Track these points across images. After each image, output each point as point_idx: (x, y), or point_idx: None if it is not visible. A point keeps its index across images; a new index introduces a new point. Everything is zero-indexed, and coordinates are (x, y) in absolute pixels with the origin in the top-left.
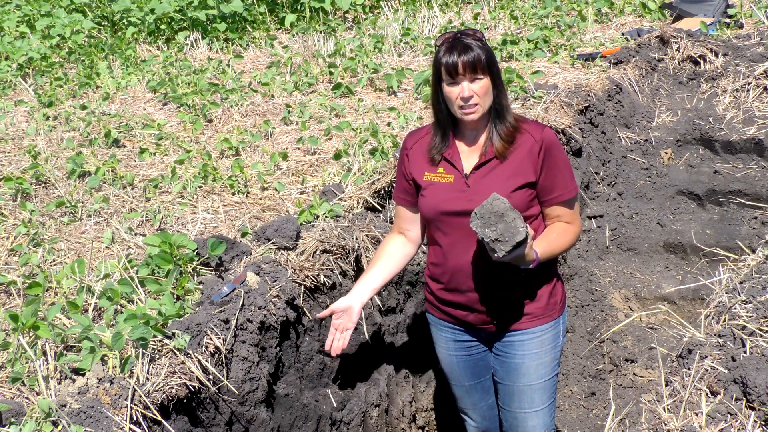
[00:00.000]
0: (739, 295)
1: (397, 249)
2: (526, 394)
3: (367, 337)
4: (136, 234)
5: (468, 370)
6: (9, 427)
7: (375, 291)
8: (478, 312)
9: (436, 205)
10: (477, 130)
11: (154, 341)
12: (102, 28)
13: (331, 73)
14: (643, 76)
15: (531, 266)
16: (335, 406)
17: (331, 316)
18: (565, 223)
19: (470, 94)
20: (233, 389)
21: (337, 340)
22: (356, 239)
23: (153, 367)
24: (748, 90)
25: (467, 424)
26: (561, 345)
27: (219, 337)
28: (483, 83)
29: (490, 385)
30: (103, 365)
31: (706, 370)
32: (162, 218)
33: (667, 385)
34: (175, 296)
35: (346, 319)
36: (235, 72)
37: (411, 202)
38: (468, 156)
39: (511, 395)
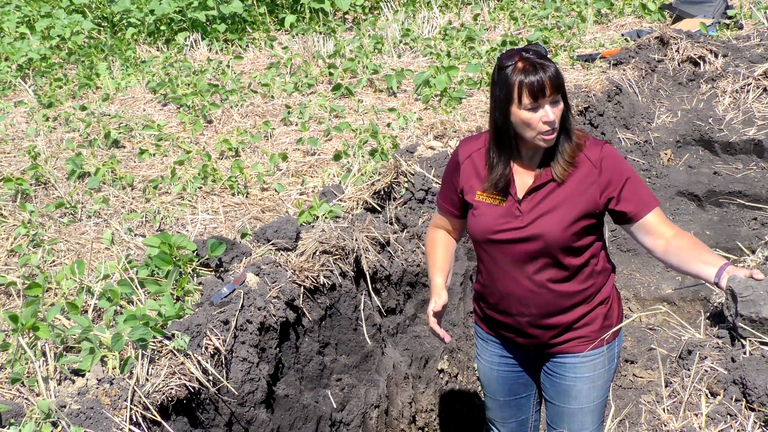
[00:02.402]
0: None
1: (449, 241)
2: (576, 417)
3: (367, 338)
4: (135, 235)
5: (506, 387)
6: (8, 428)
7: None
8: (529, 336)
9: (486, 230)
10: (536, 150)
11: (153, 342)
12: (102, 29)
13: (330, 74)
14: (643, 77)
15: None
16: (335, 407)
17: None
18: (678, 233)
19: (554, 118)
20: (233, 390)
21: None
22: (356, 240)
23: (153, 368)
24: (748, 91)
25: None
26: (615, 367)
27: (219, 338)
28: (560, 105)
29: (525, 403)
30: (102, 366)
31: (706, 371)
32: (162, 219)
33: (666, 386)
34: (174, 297)
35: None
36: (234, 73)
37: (455, 215)
38: (522, 176)
39: (561, 416)
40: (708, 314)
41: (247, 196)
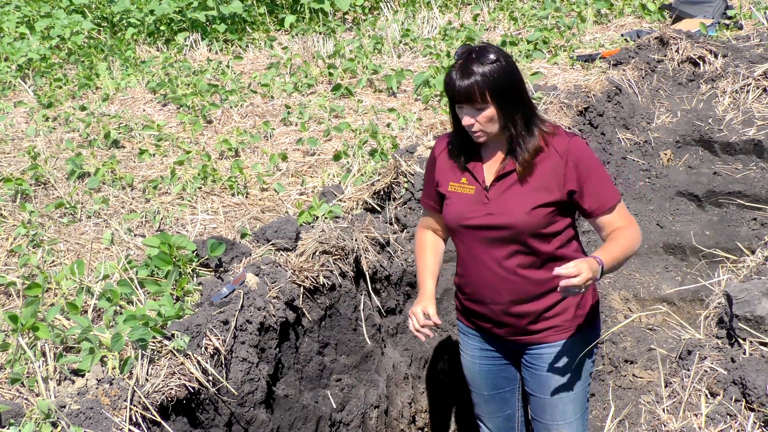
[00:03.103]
0: None
1: (438, 243)
2: (558, 407)
3: (367, 338)
4: (135, 235)
5: (489, 380)
6: (8, 428)
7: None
8: (503, 325)
9: (457, 217)
10: (499, 141)
11: (153, 342)
12: (101, 29)
13: (330, 74)
14: (643, 77)
15: (600, 276)
16: (334, 407)
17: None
18: (616, 231)
19: (470, 123)
20: (233, 390)
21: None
22: (356, 240)
23: (152, 368)
24: (748, 91)
25: (482, 430)
26: (594, 357)
27: (218, 338)
28: (485, 113)
29: (510, 397)
30: (102, 366)
31: (706, 371)
32: (161, 219)
33: (666, 386)
34: (174, 297)
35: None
36: (234, 73)
37: (437, 210)
38: (491, 165)
39: (543, 407)
40: (707, 315)
41: (246, 197)
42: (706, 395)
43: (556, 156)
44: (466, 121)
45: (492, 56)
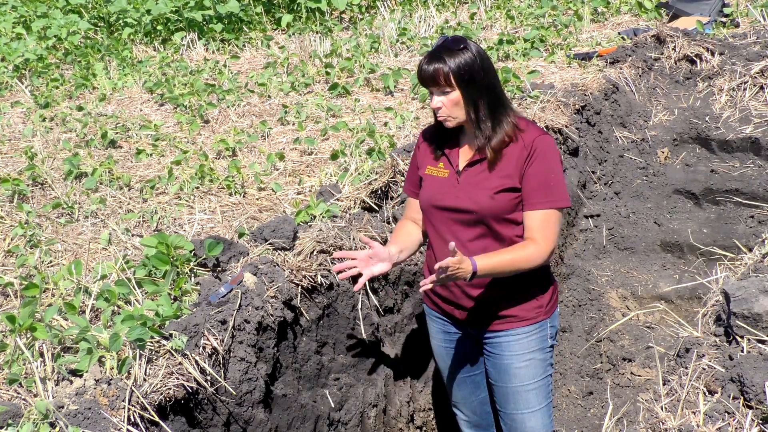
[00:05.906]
0: None
1: (413, 230)
2: (520, 396)
3: (365, 338)
4: (133, 235)
5: (457, 363)
6: (6, 429)
7: (397, 258)
8: (462, 308)
9: (430, 198)
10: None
11: (151, 342)
12: (98, 29)
13: (327, 73)
14: (640, 76)
15: (467, 278)
16: (333, 406)
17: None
18: (527, 241)
19: (438, 105)
20: (231, 390)
21: (351, 270)
22: (353, 239)
23: (150, 368)
24: (745, 89)
25: (458, 418)
26: (551, 347)
27: (216, 338)
28: (451, 97)
29: (481, 380)
30: (100, 366)
31: (704, 368)
32: (159, 219)
33: (664, 384)
34: (172, 297)
35: (368, 261)
36: (231, 72)
37: (418, 195)
38: (466, 152)
39: (506, 397)
40: (705, 312)
41: (244, 196)
42: (704, 393)
43: (522, 145)
44: (435, 103)
45: (461, 44)
